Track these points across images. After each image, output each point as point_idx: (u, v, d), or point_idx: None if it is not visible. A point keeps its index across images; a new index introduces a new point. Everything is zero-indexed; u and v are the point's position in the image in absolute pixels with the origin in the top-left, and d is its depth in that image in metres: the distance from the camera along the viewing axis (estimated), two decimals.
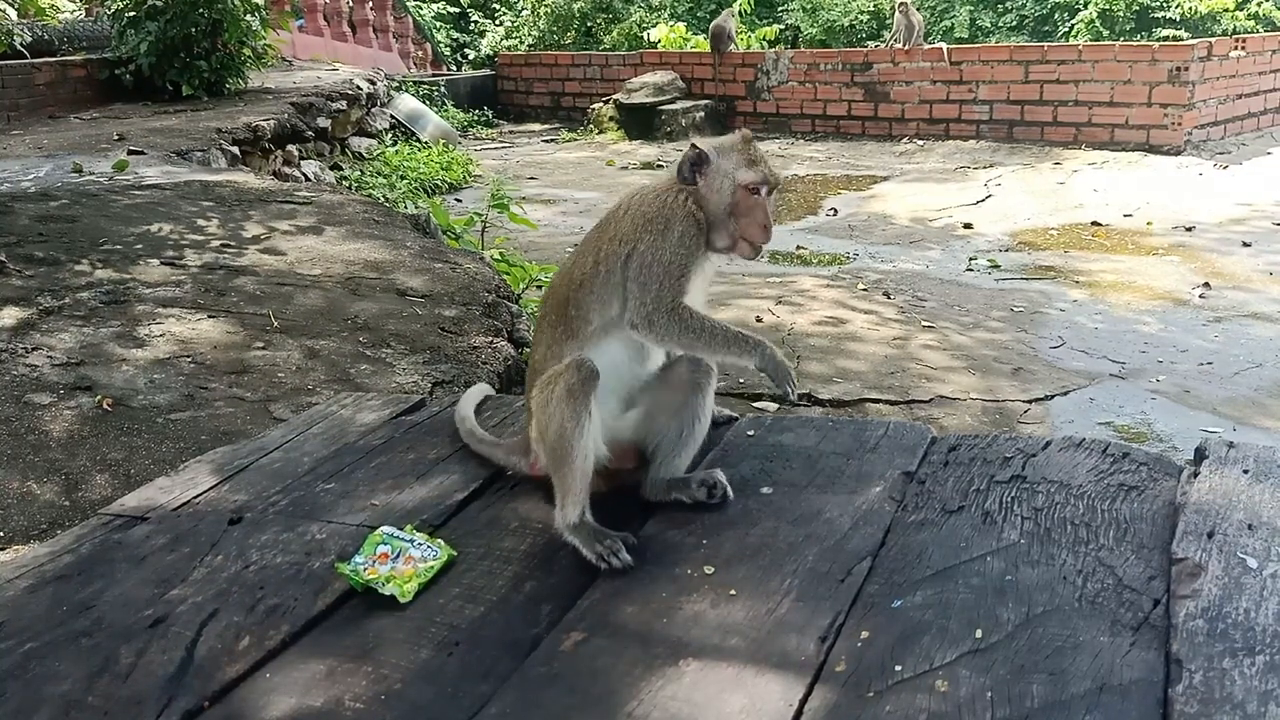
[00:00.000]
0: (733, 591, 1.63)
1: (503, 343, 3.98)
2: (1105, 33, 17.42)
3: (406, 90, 14.12)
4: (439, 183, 10.49)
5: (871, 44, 17.54)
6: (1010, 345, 5.44)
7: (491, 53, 20.48)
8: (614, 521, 1.89)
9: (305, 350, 3.74)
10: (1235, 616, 1.47)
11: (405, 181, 9.96)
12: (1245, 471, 1.91)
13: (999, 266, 7.20)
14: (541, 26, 21.02)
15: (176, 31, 10.02)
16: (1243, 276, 6.83)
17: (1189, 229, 8.19)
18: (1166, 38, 15.86)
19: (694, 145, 1.97)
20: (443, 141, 12.33)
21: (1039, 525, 1.77)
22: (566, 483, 1.85)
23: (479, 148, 13.84)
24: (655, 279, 1.90)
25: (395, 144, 11.78)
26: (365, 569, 1.71)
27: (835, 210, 9.33)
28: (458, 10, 23.81)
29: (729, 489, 1.94)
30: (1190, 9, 17.23)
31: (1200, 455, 1.98)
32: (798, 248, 7.92)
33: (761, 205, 1.93)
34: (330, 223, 5.59)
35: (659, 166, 12.14)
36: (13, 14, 9.79)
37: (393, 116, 12.48)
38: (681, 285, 1.92)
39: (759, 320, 5.86)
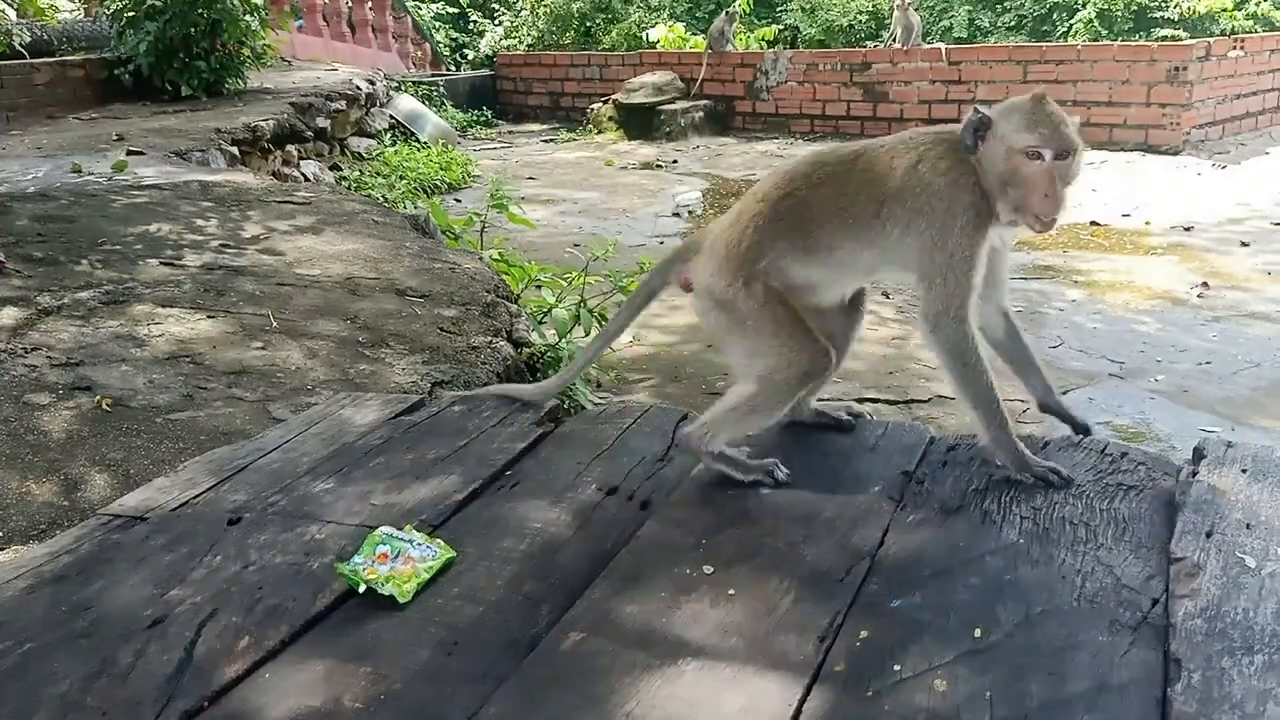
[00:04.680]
0: (732, 591, 1.63)
1: (502, 343, 3.97)
2: (1104, 33, 17.42)
3: (406, 90, 14.11)
4: (438, 183, 10.48)
5: (870, 44, 17.54)
6: None
7: (491, 53, 20.47)
8: (613, 522, 1.90)
9: (304, 350, 3.74)
10: (1234, 616, 1.47)
11: (404, 182, 9.95)
12: (1243, 471, 1.91)
13: None
14: (540, 26, 21.00)
15: (176, 32, 10.01)
16: (1241, 276, 6.83)
17: (1187, 229, 8.19)
18: (1165, 38, 15.85)
19: (976, 109, 1.87)
20: (442, 142, 12.33)
21: (1038, 525, 1.77)
22: (744, 422, 1.96)
23: (478, 148, 13.83)
24: (941, 272, 1.86)
25: (394, 144, 11.77)
26: (364, 569, 1.71)
27: None
28: (457, 10, 23.78)
29: (866, 415, 2.22)
30: (1189, 9, 17.23)
31: (1199, 455, 1.99)
32: None
33: (1044, 172, 1.80)
34: (329, 223, 5.58)
35: (658, 166, 12.15)
36: (12, 14, 9.79)
37: (392, 117, 12.48)
38: (970, 283, 1.86)
39: None
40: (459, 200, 9.82)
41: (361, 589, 1.68)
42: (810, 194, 1.97)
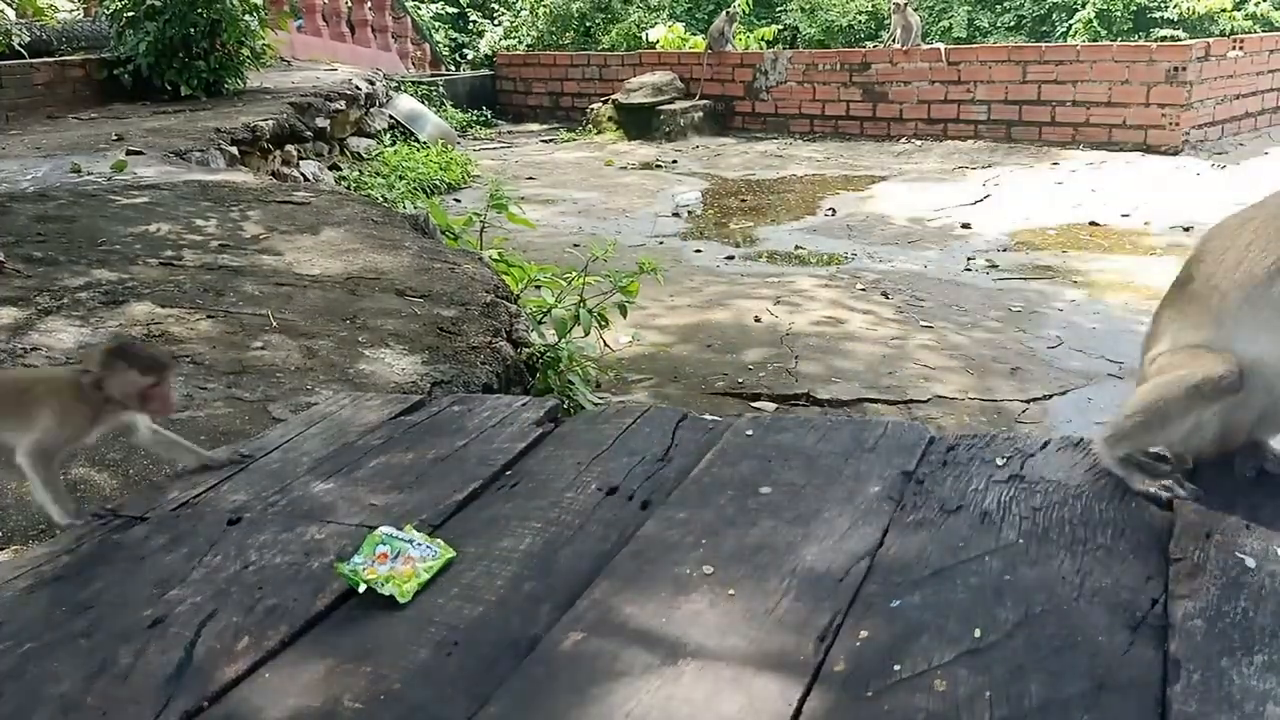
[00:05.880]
0: (731, 591, 1.63)
1: (502, 343, 3.98)
2: (1103, 33, 17.44)
3: (405, 90, 14.11)
4: (437, 183, 10.48)
5: (870, 44, 17.55)
6: (1008, 345, 5.44)
7: (490, 53, 20.47)
8: (613, 522, 1.90)
9: (304, 350, 3.74)
10: (1234, 616, 1.47)
11: (404, 182, 9.95)
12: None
13: (997, 266, 7.21)
14: (540, 26, 21.01)
15: (175, 32, 10.02)
16: None
17: (1186, 229, 8.19)
18: (1164, 38, 15.86)
19: None
20: (441, 142, 12.33)
21: (1037, 525, 1.77)
22: (1140, 430, 1.83)
23: (478, 148, 13.83)
24: None
25: (394, 144, 11.78)
26: (364, 569, 1.71)
27: (833, 210, 9.33)
28: (456, 10, 23.79)
29: None
30: (1188, 9, 17.23)
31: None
32: (796, 247, 7.93)
33: None
34: (329, 223, 5.58)
35: (658, 166, 12.15)
36: (11, 14, 9.80)
37: (391, 116, 12.48)
38: None
39: (757, 320, 5.87)
40: (459, 200, 9.82)
41: (361, 589, 1.68)
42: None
